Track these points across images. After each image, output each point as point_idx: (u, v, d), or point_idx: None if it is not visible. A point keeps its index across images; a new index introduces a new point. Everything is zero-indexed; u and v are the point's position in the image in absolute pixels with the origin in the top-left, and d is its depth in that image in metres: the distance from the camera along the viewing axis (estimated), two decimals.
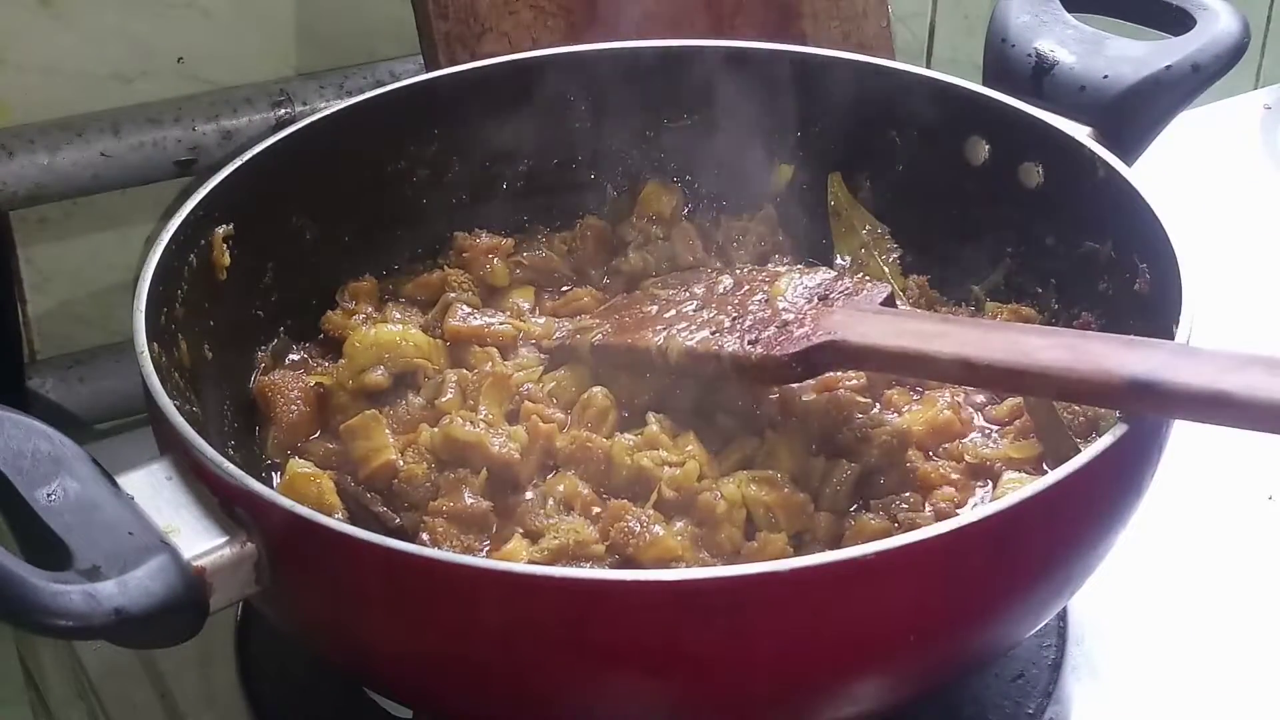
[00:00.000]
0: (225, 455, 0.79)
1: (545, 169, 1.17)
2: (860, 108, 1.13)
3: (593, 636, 0.73)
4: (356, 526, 0.76)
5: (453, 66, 1.16)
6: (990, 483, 0.94)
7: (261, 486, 0.77)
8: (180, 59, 1.27)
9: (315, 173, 1.06)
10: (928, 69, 1.14)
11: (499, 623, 0.74)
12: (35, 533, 0.74)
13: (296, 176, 1.04)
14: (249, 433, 0.99)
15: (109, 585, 0.71)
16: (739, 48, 1.16)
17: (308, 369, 1.03)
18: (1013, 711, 0.93)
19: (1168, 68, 1.04)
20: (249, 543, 0.76)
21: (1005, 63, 1.09)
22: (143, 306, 0.88)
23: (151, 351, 0.86)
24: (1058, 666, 0.96)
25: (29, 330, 1.29)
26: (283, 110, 1.27)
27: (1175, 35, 1.07)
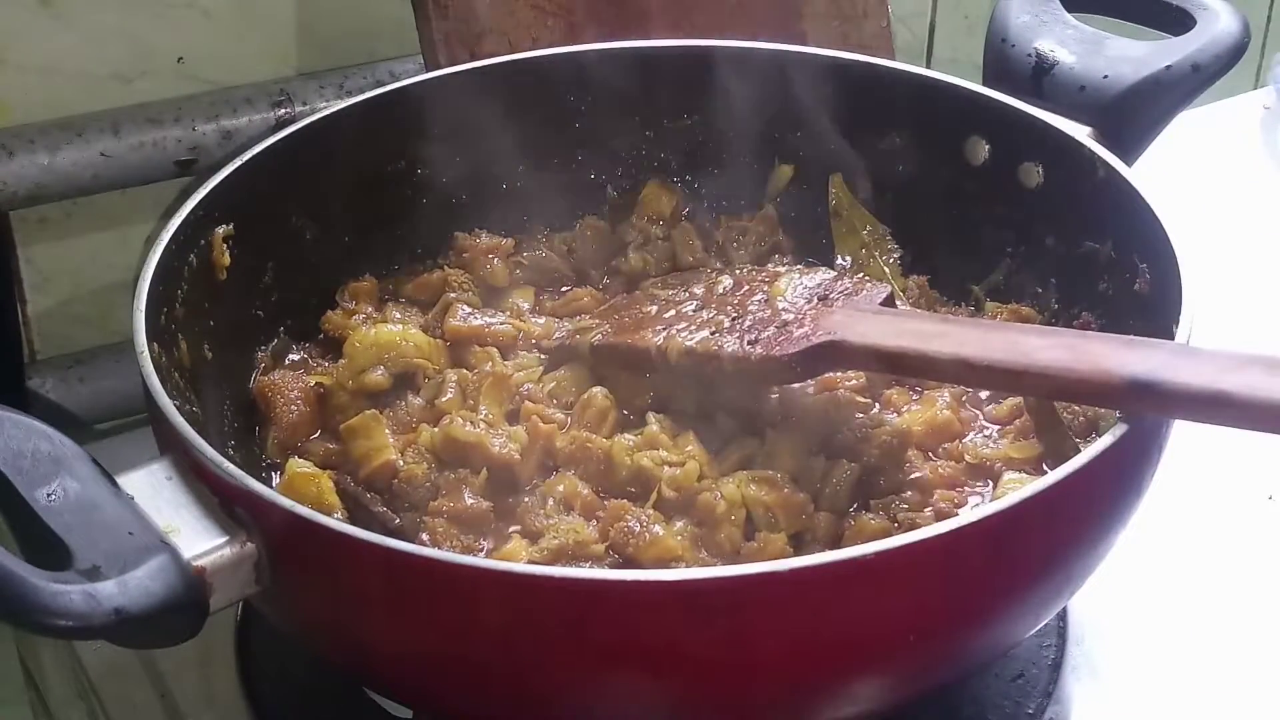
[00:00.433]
0: (225, 455, 0.79)
1: (545, 169, 1.17)
2: (861, 108, 1.13)
3: (593, 636, 0.73)
4: (356, 526, 0.76)
5: (453, 66, 1.16)
6: (990, 482, 0.94)
7: (261, 486, 0.77)
8: (180, 59, 1.27)
9: (315, 173, 1.06)
10: (928, 69, 1.14)
11: (499, 623, 0.74)
12: (35, 533, 0.74)
13: (296, 176, 1.04)
14: (249, 433, 0.99)
15: (109, 585, 0.71)
16: (739, 48, 1.16)
17: (308, 369, 1.03)
18: (1013, 711, 0.93)
19: (1168, 68, 1.04)
20: (249, 543, 0.76)
21: (1005, 63, 1.09)
22: (143, 306, 0.88)
23: (151, 351, 0.86)
24: (1058, 666, 0.96)
25: (29, 330, 1.29)
26: (283, 110, 1.27)
27: (1175, 35, 1.07)
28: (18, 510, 0.75)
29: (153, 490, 0.78)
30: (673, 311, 1.01)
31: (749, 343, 0.94)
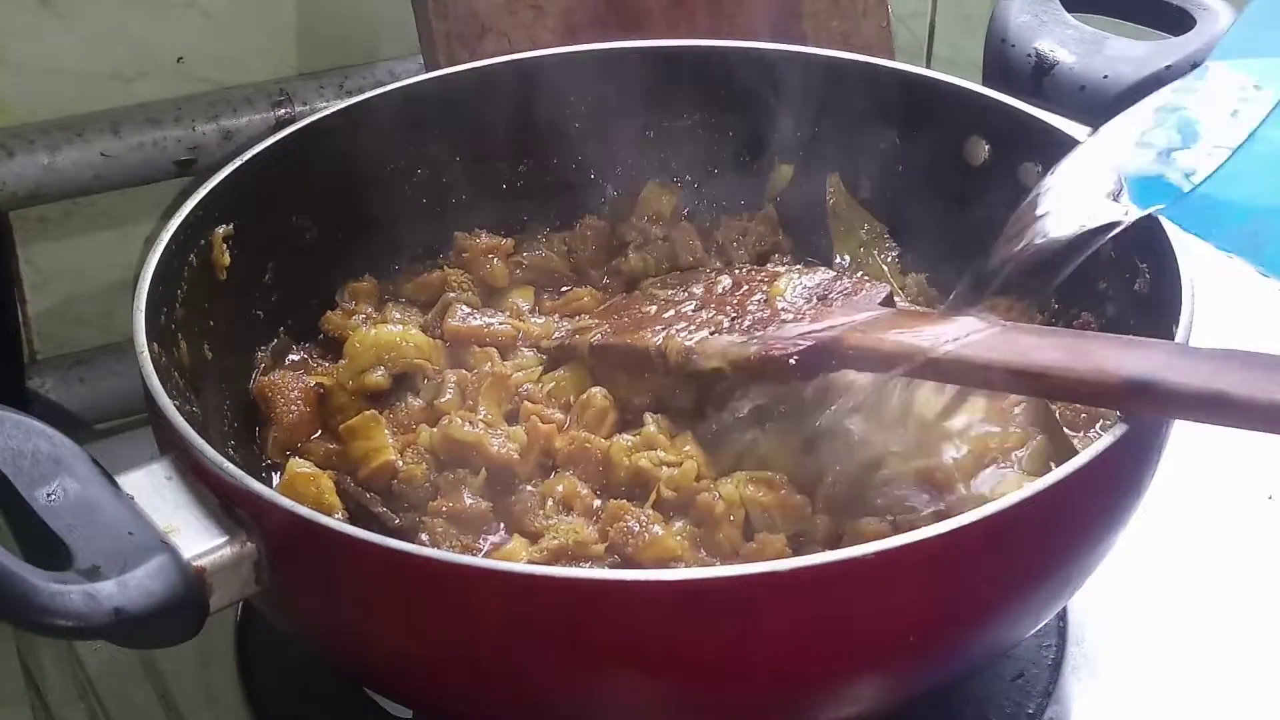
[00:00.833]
0: (225, 455, 0.79)
1: (545, 169, 1.17)
2: (860, 108, 1.13)
3: (593, 636, 0.73)
4: (356, 526, 0.76)
5: (453, 66, 1.16)
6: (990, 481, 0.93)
7: (261, 486, 0.77)
8: (180, 59, 1.27)
9: (315, 173, 1.06)
10: (928, 69, 1.14)
11: (499, 623, 0.74)
12: (35, 533, 0.74)
13: (296, 176, 1.04)
14: (249, 433, 0.99)
15: (109, 585, 0.71)
16: (739, 48, 1.16)
17: (308, 369, 1.03)
18: (1013, 711, 0.93)
19: (1168, 68, 1.05)
20: (249, 543, 0.76)
21: (1005, 63, 1.09)
22: (143, 306, 0.88)
23: (151, 351, 0.86)
24: (1058, 666, 0.96)
25: (29, 330, 1.29)
26: (283, 110, 1.27)
27: (1175, 35, 1.08)
28: (18, 510, 0.75)
29: (153, 490, 0.78)
30: (672, 311, 1.01)
31: (748, 343, 0.94)
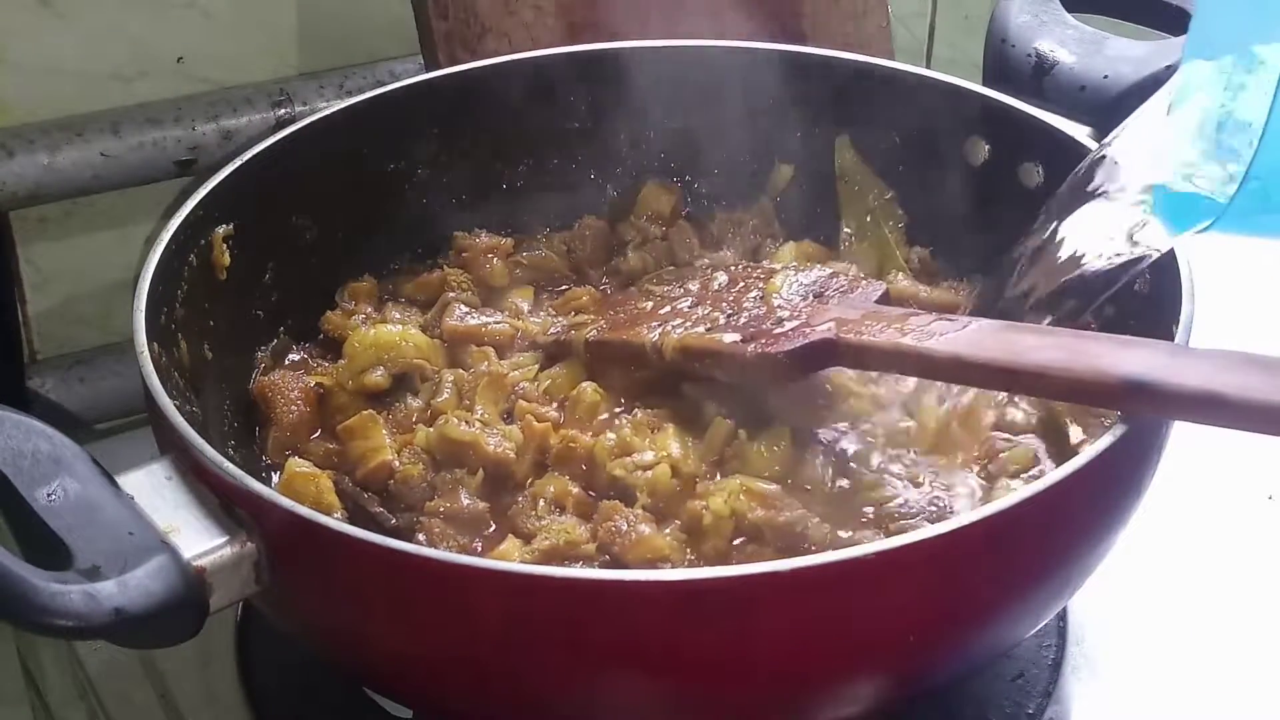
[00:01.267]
0: (225, 455, 0.79)
1: (545, 169, 1.17)
2: (860, 108, 1.13)
3: (592, 636, 0.73)
4: (355, 526, 0.76)
5: (453, 66, 1.16)
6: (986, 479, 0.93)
7: (261, 486, 0.77)
8: (180, 59, 1.27)
9: (315, 173, 1.06)
10: (928, 69, 1.14)
11: (499, 622, 0.74)
12: (35, 533, 0.74)
13: (296, 176, 1.04)
14: (249, 433, 0.99)
15: (109, 585, 0.71)
16: (739, 48, 1.16)
17: (308, 369, 1.03)
18: (1013, 711, 0.93)
19: (1168, 68, 1.04)
20: (249, 543, 0.76)
21: (1005, 63, 1.09)
22: (143, 306, 0.88)
23: (151, 351, 0.86)
24: (1058, 666, 0.96)
25: (29, 330, 1.29)
26: (283, 110, 1.27)
27: (1175, 35, 1.07)
28: (18, 510, 0.75)
29: (153, 490, 0.78)
30: (668, 308, 1.01)
31: (743, 340, 0.94)
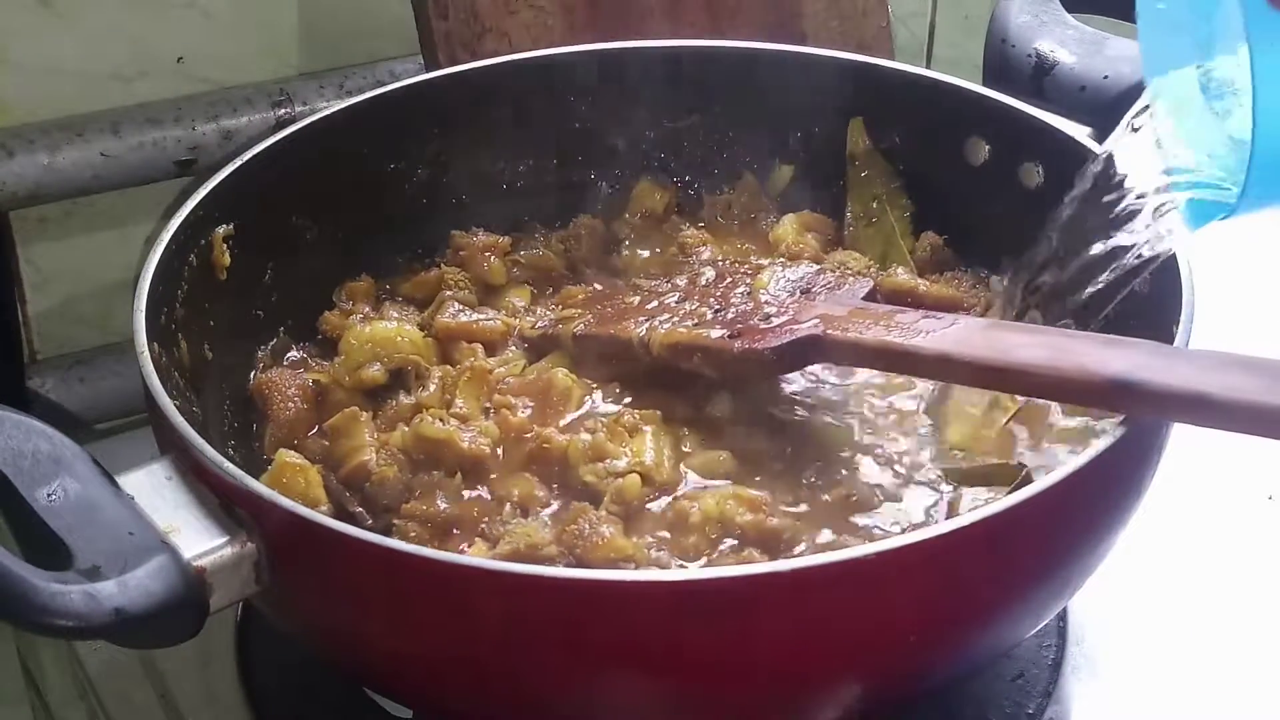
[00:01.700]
0: (225, 455, 0.79)
1: (545, 169, 1.17)
2: (860, 108, 1.13)
3: (592, 636, 0.73)
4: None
5: (453, 66, 1.16)
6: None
7: (261, 486, 0.77)
8: (180, 59, 1.27)
9: (315, 173, 1.06)
10: (928, 69, 1.14)
11: (498, 623, 0.74)
12: (35, 533, 0.74)
13: (296, 176, 1.04)
14: (249, 433, 0.99)
15: (109, 585, 0.71)
16: (738, 47, 1.16)
17: (307, 368, 1.03)
18: (1013, 711, 0.93)
19: None
20: (249, 543, 0.76)
21: (1005, 63, 1.09)
22: (143, 306, 0.88)
23: (151, 351, 0.86)
24: (1058, 666, 0.96)
25: (29, 330, 1.29)
26: (283, 110, 1.27)
27: None
28: (18, 510, 0.75)
29: (153, 490, 0.78)
30: (655, 302, 1.01)
31: (730, 335, 0.94)
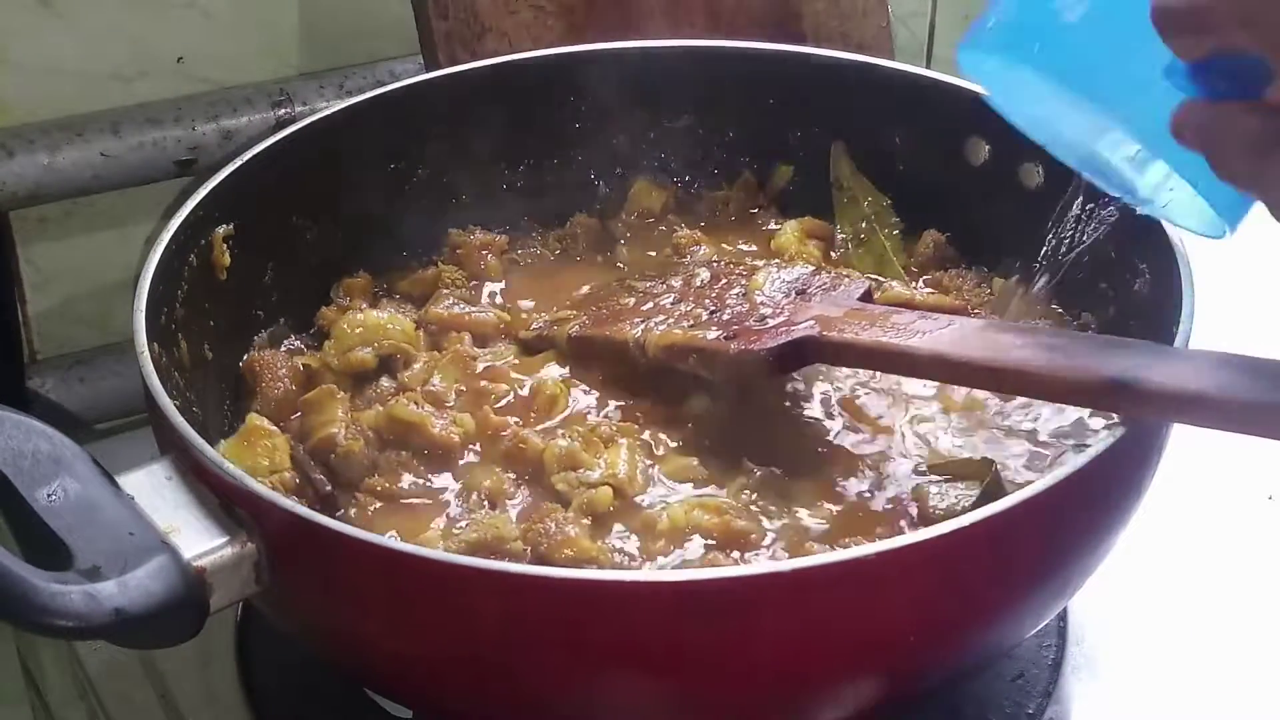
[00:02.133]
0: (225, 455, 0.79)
1: (545, 169, 1.17)
2: (860, 108, 1.13)
3: (592, 636, 0.73)
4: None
5: (453, 66, 1.16)
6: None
7: (262, 486, 0.77)
8: (180, 59, 1.27)
9: (315, 173, 1.06)
10: (928, 69, 1.14)
11: (498, 623, 0.74)
12: (35, 533, 0.74)
13: (296, 176, 1.04)
14: None
15: (109, 585, 0.71)
16: (738, 47, 1.16)
17: (300, 355, 1.03)
18: (1013, 711, 0.93)
19: None
20: (249, 543, 0.76)
21: None
22: (143, 306, 0.88)
23: (151, 351, 0.86)
24: (1058, 666, 0.96)
25: (29, 330, 1.29)
26: (283, 110, 1.27)
27: None
28: (18, 510, 0.75)
29: (153, 490, 0.78)
30: (650, 304, 1.01)
31: (726, 337, 0.94)
